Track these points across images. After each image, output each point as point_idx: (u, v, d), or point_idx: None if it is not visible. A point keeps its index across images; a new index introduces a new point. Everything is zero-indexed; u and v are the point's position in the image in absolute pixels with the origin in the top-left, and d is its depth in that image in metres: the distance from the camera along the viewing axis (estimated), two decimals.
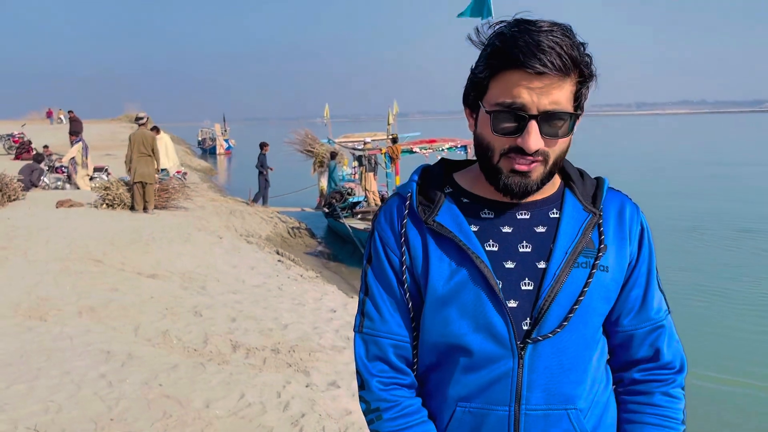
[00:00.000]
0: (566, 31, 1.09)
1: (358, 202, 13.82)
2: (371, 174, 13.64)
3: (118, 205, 11.60)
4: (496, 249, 1.16)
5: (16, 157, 21.07)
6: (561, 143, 1.13)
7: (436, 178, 1.25)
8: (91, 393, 4.20)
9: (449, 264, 1.16)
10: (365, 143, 14.61)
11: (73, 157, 15.11)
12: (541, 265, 1.16)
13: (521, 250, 1.17)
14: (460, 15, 9.19)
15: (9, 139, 24.24)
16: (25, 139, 23.13)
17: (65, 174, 15.49)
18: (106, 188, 11.98)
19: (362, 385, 1.23)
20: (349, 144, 16.18)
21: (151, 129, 12.58)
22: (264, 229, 12.77)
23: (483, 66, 1.12)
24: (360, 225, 12.00)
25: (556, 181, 1.23)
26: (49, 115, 49.64)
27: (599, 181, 1.26)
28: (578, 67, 1.09)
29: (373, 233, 1.25)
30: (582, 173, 1.27)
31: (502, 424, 1.14)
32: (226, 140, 40.50)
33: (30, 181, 14.16)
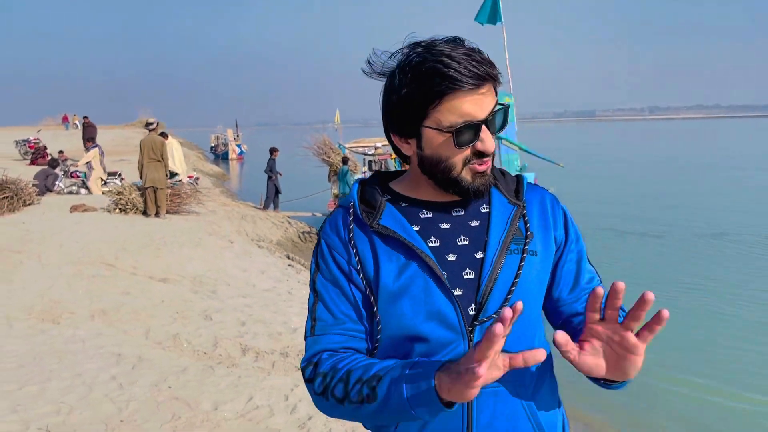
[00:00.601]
0: (470, 44, 1.22)
1: None
2: None
3: (131, 210, 11.71)
4: (437, 244, 1.27)
5: (32, 162, 21.31)
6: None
7: (373, 187, 1.34)
8: (102, 395, 4.27)
9: (397, 262, 1.25)
10: (376, 148, 14.66)
11: (89, 162, 15.26)
12: (479, 255, 1.27)
13: (460, 243, 1.28)
14: (477, 19, 9.33)
15: (25, 144, 24.51)
16: (41, 144, 23.39)
17: (80, 179, 15.66)
18: (119, 193, 12.10)
19: (311, 379, 1.23)
20: (360, 149, 16.23)
21: (160, 135, 12.69)
22: (275, 234, 12.84)
23: (420, 94, 1.20)
24: None
25: None
26: (64, 120, 50.15)
27: (519, 178, 1.40)
28: (496, 73, 1.22)
29: (320, 242, 1.33)
30: (503, 171, 1.40)
31: (457, 405, 1.20)
32: (239, 145, 40.71)
33: (45, 186, 14.33)
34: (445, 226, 1.29)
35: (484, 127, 1.21)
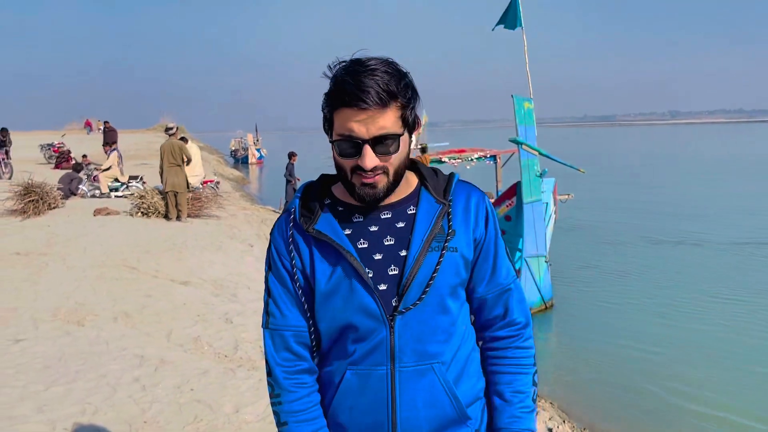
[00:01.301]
0: (389, 67, 1.36)
1: None
2: None
3: (153, 214, 11.87)
4: (366, 245, 1.44)
5: (56, 166, 21.68)
6: (396, 157, 1.39)
7: (316, 192, 1.51)
8: (126, 396, 4.33)
9: (329, 263, 1.43)
10: None
11: (109, 167, 15.50)
12: (403, 253, 1.43)
13: (386, 243, 1.44)
14: (496, 26, 9.31)
15: (49, 148, 24.94)
16: (65, 148, 23.79)
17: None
18: (141, 197, 12.27)
19: (269, 373, 1.50)
20: None
21: (180, 139, 12.83)
22: None
23: (325, 104, 1.40)
24: None
25: (412, 182, 1.51)
26: (87, 125, 50.84)
27: (450, 176, 1.53)
28: (395, 97, 1.35)
29: (270, 244, 1.52)
30: (436, 171, 1.53)
31: (382, 381, 1.43)
32: (258, 150, 40.99)
33: (69, 190, 14.57)
34: (373, 228, 1.45)
35: (367, 146, 1.34)
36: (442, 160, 13.44)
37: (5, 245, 9.09)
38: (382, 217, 1.46)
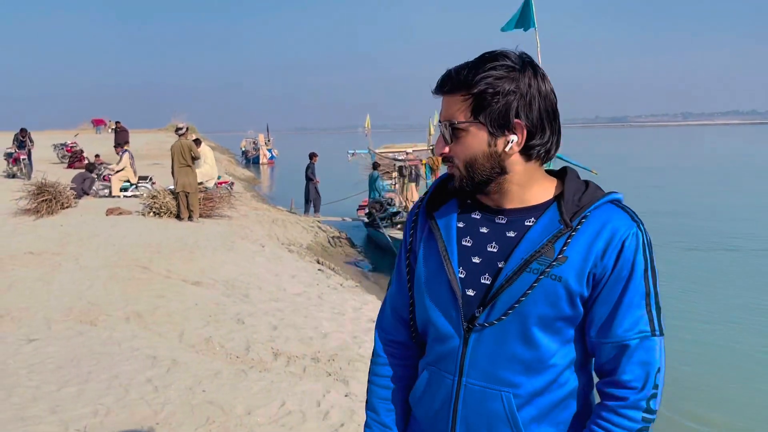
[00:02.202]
0: (482, 59, 1.31)
1: (398, 212, 13.87)
2: (413, 185, 13.68)
3: (165, 214, 11.90)
4: (470, 244, 1.37)
5: (69, 166, 21.82)
6: (463, 149, 1.33)
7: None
8: (138, 397, 4.33)
9: (429, 251, 1.41)
10: (407, 154, 14.67)
11: (122, 168, 15.58)
12: (500, 264, 1.33)
13: (489, 249, 1.36)
14: (504, 29, 9.22)
15: (62, 148, 25.13)
16: (77, 148, 23.95)
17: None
18: (153, 197, 12.30)
19: (374, 332, 1.59)
20: (390, 155, 16.25)
21: (193, 141, 12.86)
22: (305, 238, 12.91)
23: None
24: (400, 235, 12.02)
25: (548, 193, 1.36)
26: (96, 123, 51.08)
27: (597, 195, 1.34)
28: (464, 87, 1.30)
29: (407, 220, 1.55)
30: (587, 187, 1.35)
31: (448, 391, 1.37)
32: (270, 150, 41.09)
33: (82, 189, 14.64)
34: (483, 229, 1.37)
35: (439, 131, 1.37)
36: None
37: (19, 244, 9.15)
38: (496, 221, 1.37)
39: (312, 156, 16.71)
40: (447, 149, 1.36)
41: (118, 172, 15.56)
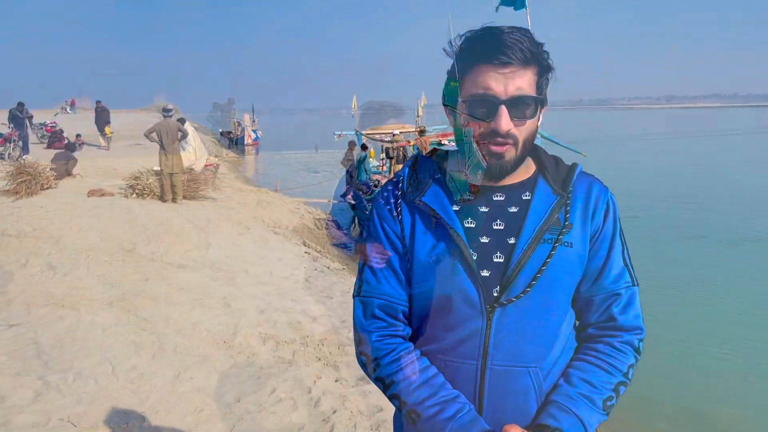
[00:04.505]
0: (525, 32, 1.27)
1: None
2: (400, 167, 13.53)
3: (148, 195, 11.67)
4: (473, 226, 1.33)
5: (49, 146, 21.37)
6: (528, 126, 1.29)
7: (427, 165, 1.42)
8: (123, 385, 4.20)
9: (432, 237, 1.34)
10: (394, 135, 14.51)
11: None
12: (512, 240, 1.32)
13: (495, 227, 1.34)
14: (499, 7, 9.07)
15: (42, 128, 24.60)
16: (57, 128, 23.45)
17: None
18: (136, 178, 12.06)
19: (360, 342, 1.40)
20: (377, 136, 16.08)
21: (178, 120, 12.58)
22: (291, 220, 12.75)
23: (458, 62, 1.29)
24: None
25: (531, 167, 1.40)
26: (73, 104, 50.20)
27: (572, 166, 1.41)
28: (536, 60, 1.26)
29: (373, 212, 1.43)
30: (557, 160, 1.42)
31: (470, 376, 1.31)
32: (254, 131, 40.61)
33: (66, 170, 14.33)
34: (483, 209, 1.35)
35: (503, 107, 1.24)
36: (442, 142, 13.25)
37: None
38: (494, 199, 1.35)
39: (353, 145, 16.41)
40: (513, 126, 1.27)
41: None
